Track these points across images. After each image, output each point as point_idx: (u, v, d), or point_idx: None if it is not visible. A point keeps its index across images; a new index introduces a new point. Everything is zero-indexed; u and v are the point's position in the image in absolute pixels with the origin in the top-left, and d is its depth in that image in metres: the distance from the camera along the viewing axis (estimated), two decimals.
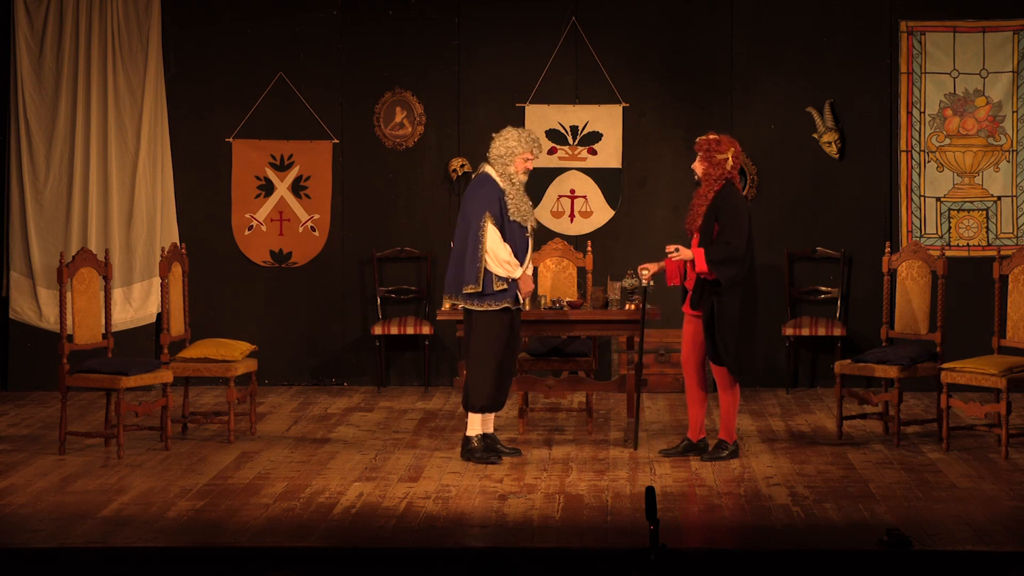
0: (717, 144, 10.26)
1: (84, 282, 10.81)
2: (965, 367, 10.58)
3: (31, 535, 8.24)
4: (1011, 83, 13.45)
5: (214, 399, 13.12)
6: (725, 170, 10.25)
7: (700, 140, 10.35)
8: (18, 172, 13.57)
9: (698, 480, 9.67)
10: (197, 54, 13.86)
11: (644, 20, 13.75)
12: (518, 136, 10.38)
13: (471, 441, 10.34)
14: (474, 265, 10.23)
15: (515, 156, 10.35)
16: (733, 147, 10.29)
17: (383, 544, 8.09)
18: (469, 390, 10.37)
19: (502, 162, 10.36)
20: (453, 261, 10.39)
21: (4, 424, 11.93)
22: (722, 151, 10.25)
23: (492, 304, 10.27)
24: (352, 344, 13.96)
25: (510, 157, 10.36)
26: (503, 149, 10.37)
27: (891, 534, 7.83)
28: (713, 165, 10.24)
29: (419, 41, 13.85)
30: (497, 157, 10.38)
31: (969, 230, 13.49)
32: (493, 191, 10.30)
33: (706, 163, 10.26)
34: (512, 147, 10.36)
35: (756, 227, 13.65)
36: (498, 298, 10.26)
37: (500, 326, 10.29)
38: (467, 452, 10.33)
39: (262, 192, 13.91)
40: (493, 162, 10.39)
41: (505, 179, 10.34)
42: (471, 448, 10.32)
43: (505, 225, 10.25)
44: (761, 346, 10.42)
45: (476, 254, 10.23)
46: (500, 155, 10.37)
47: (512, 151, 10.35)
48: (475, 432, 10.35)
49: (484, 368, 10.30)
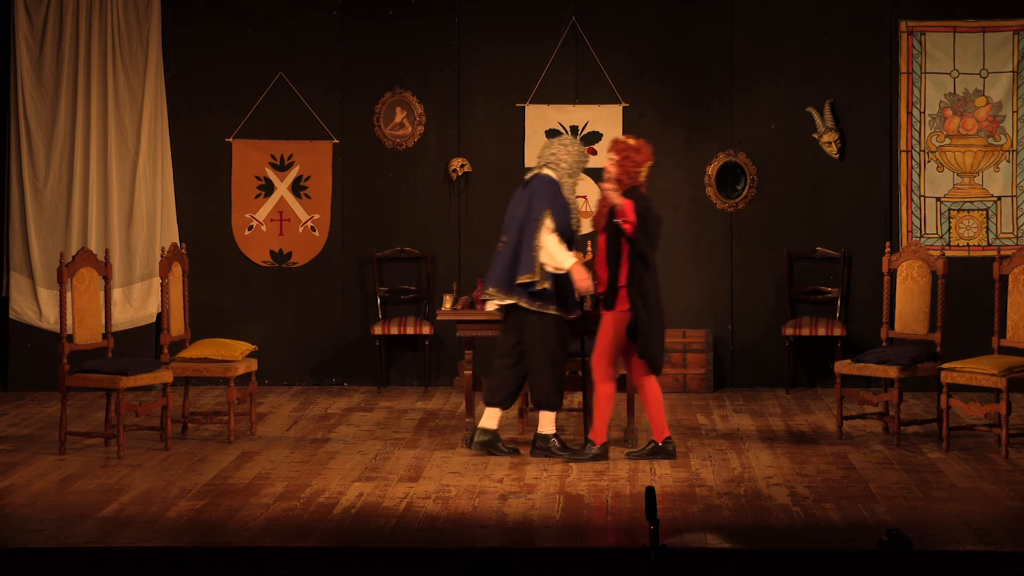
0: (636, 152, 10.21)
1: (84, 282, 10.81)
2: (965, 367, 10.58)
3: (31, 535, 8.24)
4: (1011, 83, 13.45)
5: (214, 399, 13.12)
6: (637, 181, 10.20)
7: (619, 141, 10.29)
8: (18, 172, 13.57)
9: (698, 480, 9.67)
10: (197, 54, 13.86)
11: (644, 20, 13.75)
12: (585, 154, 10.46)
13: (548, 439, 10.39)
14: (530, 255, 10.22)
15: (580, 171, 10.42)
16: (650, 161, 10.27)
17: (383, 544, 8.09)
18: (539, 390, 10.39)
19: (568, 172, 10.38)
20: (503, 256, 10.36)
21: (4, 424, 11.93)
22: (639, 161, 10.20)
23: (544, 307, 10.27)
24: (352, 344, 13.96)
25: (578, 170, 10.42)
26: (572, 160, 10.38)
27: (891, 534, 7.83)
28: (627, 171, 10.19)
29: (419, 41, 13.85)
30: (570, 167, 10.37)
31: (969, 230, 13.49)
32: (558, 195, 10.32)
33: (620, 168, 10.20)
34: (583, 163, 10.44)
35: (756, 227, 13.71)
36: (547, 302, 10.27)
37: (553, 325, 10.30)
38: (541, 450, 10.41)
39: (262, 192, 13.91)
40: (555, 167, 10.36)
41: (568, 189, 10.37)
42: (547, 446, 10.39)
43: (560, 230, 10.25)
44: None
45: (532, 243, 10.23)
46: (569, 164, 10.37)
47: (581, 166, 10.43)
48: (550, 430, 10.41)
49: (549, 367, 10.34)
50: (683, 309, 13.58)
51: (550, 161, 10.39)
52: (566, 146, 10.40)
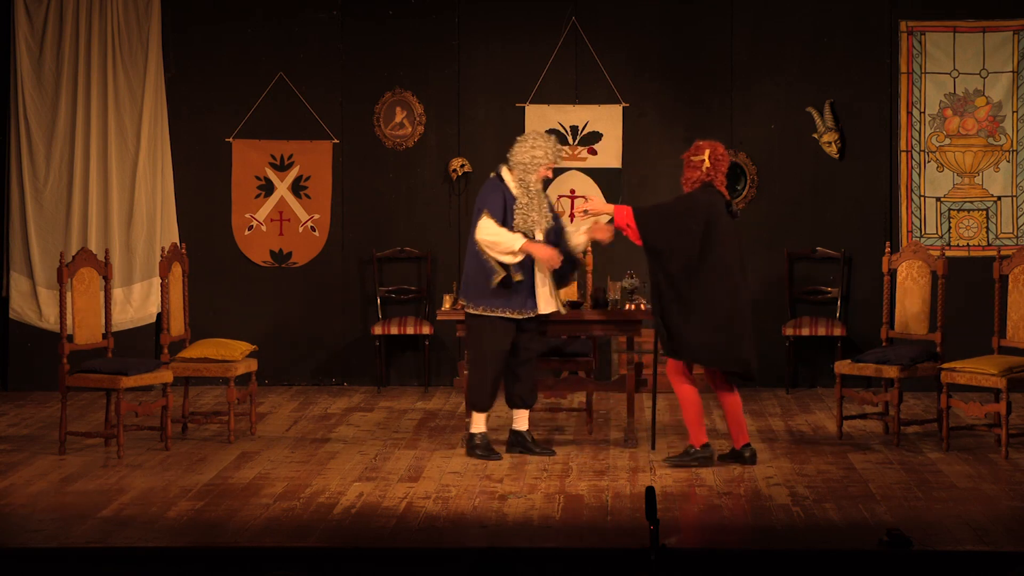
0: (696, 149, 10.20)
1: (84, 282, 10.81)
2: (965, 367, 10.58)
3: (31, 535, 8.24)
4: (1011, 83, 13.45)
5: (214, 399, 13.12)
6: (701, 171, 10.18)
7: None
8: (18, 172, 13.57)
9: (698, 480, 9.67)
10: (197, 54, 13.86)
11: (644, 20, 13.75)
12: (545, 147, 10.26)
13: (473, 438, 10.38)
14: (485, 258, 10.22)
15: (539, 167, 10.29)
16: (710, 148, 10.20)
17: (383, 544, 8.09)
18: (468, 389, 10.42)
19: (523, 169, 10.26)
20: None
21: (4, 424, 11.93)
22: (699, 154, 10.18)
23: (488, 309, 10.25)
24: (352, 344, 13.96)
25: (533, 166, 10.27)
26: (527, 157, 10.26)
27: (891, 534, 7.83)
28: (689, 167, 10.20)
29: (419, 41, 13.85)
30: (519, 164, 10.29)
31: (969, 230, 13.50)
32: (500, 196, 10.25)
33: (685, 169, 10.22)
34: (538, 157, 10.26)
35: (756, 227, 13.71)
36: (495, 304, 10.23)
37: (488, 327, 10.27)
38: (469, 448, 10.38)
39: (262, 192, 13.91)
40: (513, 167, 10.32)
41: (522, 187, 10.27)
42: (473, 444, 10.36)
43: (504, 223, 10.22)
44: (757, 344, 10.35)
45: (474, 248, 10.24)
46: (523, 162, 10.26)
47: (537, 161, 10.26)
48: (477, 429, 10.39)
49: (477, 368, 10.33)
50: None
51: (509, 160, 10.37)
52: (524, 141, 10.34)
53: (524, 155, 10.25)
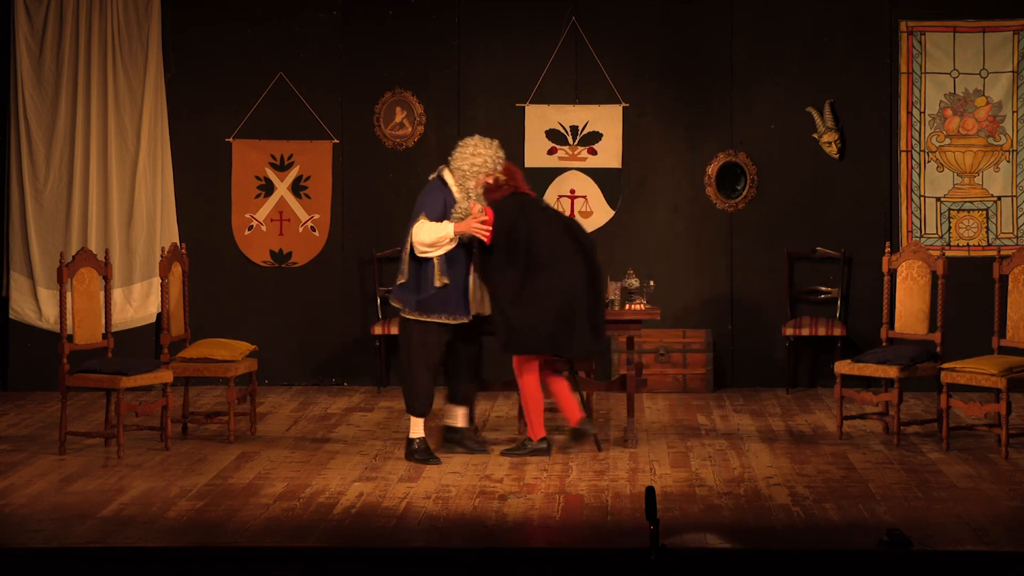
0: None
1: (84, 282, 10.81)
2: (965, 367, 10.59)
3: (31, 535, 8.24)
4: (1011, 83, 13.45)
5: (214, 399, 13.12)
6: (502, 188, 10.39)
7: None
8: (18, 172, 13.57)
9: (698, 480, 9.67)
10: (197, 54, 13.85)
11: (644, 20, 13.75)
12: (485, 153, 10.25)
13: (412, 443, 10.37)
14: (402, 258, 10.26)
15: (480, 174, 10.30)
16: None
17: (383, 544, 8.09)
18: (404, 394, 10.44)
19: (462, 175, 10.28)
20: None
21: (4, 424, 11.93)
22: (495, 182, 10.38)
23: (423, 315, 10.23)
24: (352, 344, 13.95)
25: (473, 173, 10.28)
26: (468, 164, 10.26)
27: (891, 534, 7.83)
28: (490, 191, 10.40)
29: (419, 41, 13.85)
30: (459, 169, 10.28)
31: (969, 230, 13.49)
32: (441, 198, 10.27)
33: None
34: (478, 164, 10.26)
35: (756, 227, 13.71)
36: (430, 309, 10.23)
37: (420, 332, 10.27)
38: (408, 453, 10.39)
39: (262, 192, 13.91)
40: (454, 171, 10.33)
41: (462, 191, 10.29)
42: (411, 449, 10.36)
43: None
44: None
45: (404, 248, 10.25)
46: (462, 168, 10.27)
47: (476, 168, 10.27)
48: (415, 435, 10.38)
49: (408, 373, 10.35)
50: (683, 309, 13.58)
51: (449, 163, 10.36)
52: (466, 146, 10.33)
53: (464, 161, 10.26)
